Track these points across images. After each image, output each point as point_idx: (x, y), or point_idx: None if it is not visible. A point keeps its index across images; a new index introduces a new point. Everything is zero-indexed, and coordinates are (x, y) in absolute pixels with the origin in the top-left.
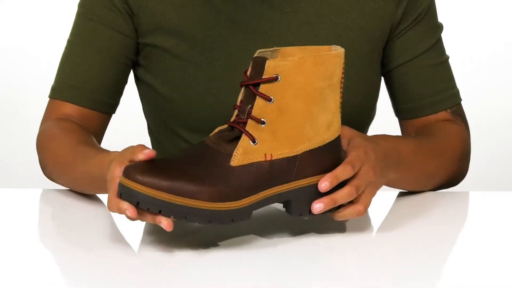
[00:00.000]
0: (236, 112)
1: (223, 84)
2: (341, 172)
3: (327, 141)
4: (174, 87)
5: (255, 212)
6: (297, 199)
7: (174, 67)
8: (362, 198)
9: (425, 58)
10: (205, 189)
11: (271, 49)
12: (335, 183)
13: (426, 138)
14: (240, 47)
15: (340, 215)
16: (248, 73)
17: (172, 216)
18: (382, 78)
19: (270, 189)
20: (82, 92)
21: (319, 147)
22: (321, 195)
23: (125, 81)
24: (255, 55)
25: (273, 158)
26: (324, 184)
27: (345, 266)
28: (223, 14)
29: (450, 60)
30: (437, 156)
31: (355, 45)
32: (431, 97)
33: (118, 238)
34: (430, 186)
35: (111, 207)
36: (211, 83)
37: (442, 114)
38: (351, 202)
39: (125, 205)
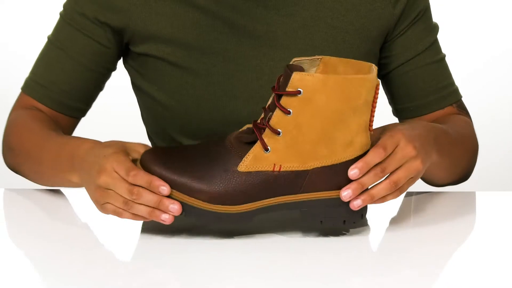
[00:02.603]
0: (262, 114)
1: (221, 90)
2: (372, 156)
3: (344, 160)
4: (171, 94)
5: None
6: (307, 211)
7: (170, 75)
8: (396, 176)
9: (425, 56)
10: (205, 189)
11: (312, 57)
12: (365, 170)
13: (447, 125)
14: (236, 52)
15: (374, 195)
16: (280, 80)
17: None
18: (380, 79)
19: (274, 198)
20: (50, 94)
21: (334, 165)
22: (333, 208)
23: (98, 88)
24: (291, 62)
25: (282, 170)
26: (354, 171)
27: (344, 266)
28: (219, 20)
29: (453, 60)
30: (461, 143)
31: (352, 47)
32: (435, 93)
33: (83, 236)
34: (453, 176)
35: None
36: (209, 89)
37: (449, 109)
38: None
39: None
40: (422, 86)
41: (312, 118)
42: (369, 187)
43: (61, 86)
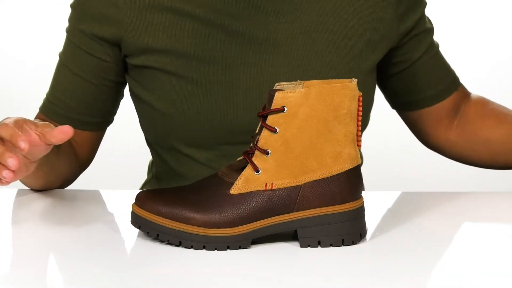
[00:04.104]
0: (251, 144)
1: (221, 98)
2: None
3: (335, 173)
4: (171, 103)
5: None
6: (303, 230)
7: (170, 84)
8: None
9: (433, 47)
10: (198, 215)
11: (294, 82)
12: None
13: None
14: (236, 59)
15: None
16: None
17: (168, 240)
18: (394, 77)
19: (269, 218)
20: (57, 109)
21: (325, 179)
22: (329, 225)
23: (112, 100)
24: (274, 87)
25: (274, 188)
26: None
27: (344, 266)
28: (217, 28)
29: (460, 57)
30: None
31: (354, 52)
32: (450, 74)
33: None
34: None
35: None
36: (209, 97)
37: (462, 88)
38: None
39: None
40: (440, 73)
41: (298, 132)
42: None
43: (67, 101)
